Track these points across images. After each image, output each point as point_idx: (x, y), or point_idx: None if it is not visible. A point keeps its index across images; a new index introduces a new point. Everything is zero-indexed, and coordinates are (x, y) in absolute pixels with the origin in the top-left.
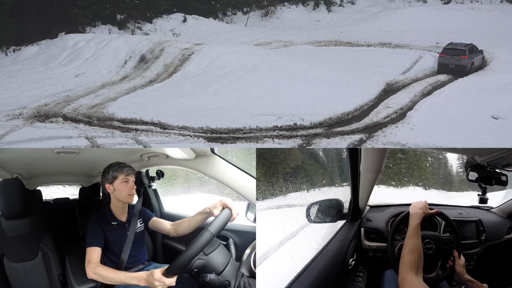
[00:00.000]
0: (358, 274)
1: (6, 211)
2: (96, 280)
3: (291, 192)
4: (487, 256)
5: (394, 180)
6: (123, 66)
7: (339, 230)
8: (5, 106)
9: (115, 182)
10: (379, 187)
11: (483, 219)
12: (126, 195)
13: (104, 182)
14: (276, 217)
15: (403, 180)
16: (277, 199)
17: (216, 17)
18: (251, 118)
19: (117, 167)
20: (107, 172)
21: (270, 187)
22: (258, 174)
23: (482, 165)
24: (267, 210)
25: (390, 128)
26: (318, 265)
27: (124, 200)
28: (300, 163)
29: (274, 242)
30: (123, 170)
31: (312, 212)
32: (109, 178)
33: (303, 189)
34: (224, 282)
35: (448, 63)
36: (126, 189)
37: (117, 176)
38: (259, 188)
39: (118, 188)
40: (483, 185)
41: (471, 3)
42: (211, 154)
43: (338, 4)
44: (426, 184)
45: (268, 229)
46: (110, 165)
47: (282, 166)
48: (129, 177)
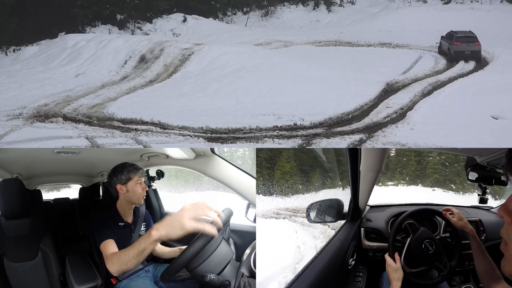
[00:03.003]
0: (358, 274)
1: (6, 211)
2: (123, 271)
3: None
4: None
5: (456, 183)
6: (123, 66)
7: (339, 230)
8: (5, 106)
9: (129, 183)
10: (435, 190)
11: (483, 219)
12: (140, 197)
13: (115, 182)
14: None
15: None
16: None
17: (216, 17)
18: (251, 118)
19: (131, 168)
20: (121, 173)
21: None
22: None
23: (482, 165)
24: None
25: (390, 128)
26: (318, 265)
27: (137, 201)
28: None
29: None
30: (138, 172)
31: (312, 212)
32: (123, 179)
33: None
34: (224, 282)
35: (464, 50)
36: (140, 191)
37: (131, 178)
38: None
39: (132, 190)
40: (483, 185)
41: (471, 3)
42: (211, 154)
43: (338, 4)
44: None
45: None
46: (122, 165)
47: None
48: (142, 179)
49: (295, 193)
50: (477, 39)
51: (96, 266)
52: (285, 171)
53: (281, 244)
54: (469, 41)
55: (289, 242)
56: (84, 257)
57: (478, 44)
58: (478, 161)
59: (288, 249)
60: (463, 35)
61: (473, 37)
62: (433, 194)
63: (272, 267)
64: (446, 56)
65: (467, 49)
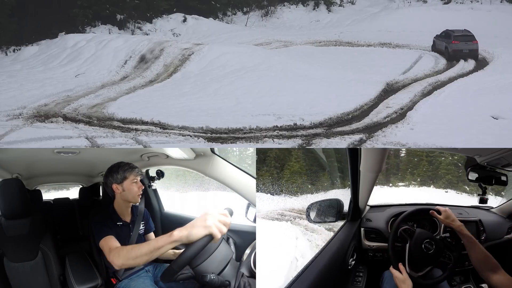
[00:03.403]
0: (358, 274)
1: (6, 211)
2: (128, 266)
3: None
4: None
5: (470, 185)
6: (123, 66)
7: (339, 230)
8: (5, 106)
9: (125, 183)
10: (447, 192)
11: (483, 219)
12: (136, 196)
13: (111, 182)
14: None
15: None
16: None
17: (216, 17)
18: (251, 118)
19: (127, 167)
20: (116, 172)
21: None
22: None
23: (482, 165)
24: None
25: (390, 128)
26: (318, 265)
27: (133, 200)
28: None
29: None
30: (134, 171)
31: (312, 212)
32: (119, 178)
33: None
34: (224, 282)
35: (462, 49)
36: (136, 190)
37: (127, 177)
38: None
39: (128, 189)
40: (483, 185)
41: (471, 3)
42: (211, 154)
43: (338, 4)
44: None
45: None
46: (118, 165)
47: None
48: (137, 178)
49: (303, 192)
50: (475, 37)
51: (96, 266)
52: (294, 170)
53: (281, 244)
54: (467, 39)
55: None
56: (84, 257)
57: (476, 42)
58: (478, 161)
59: (288, 250)
60: (461, 33)
61: (470, 36)
62: (446, 196)
63: (272, 267)
64: (441, 55)
65: (465, 47)
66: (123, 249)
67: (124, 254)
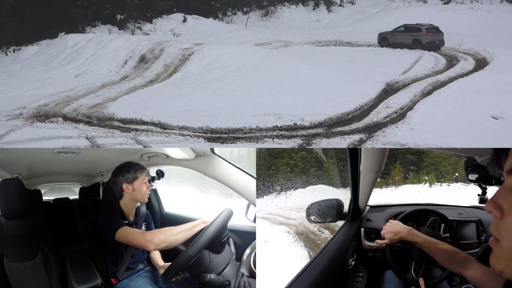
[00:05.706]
0: (358, 274)
1: (6, 211)
2: (169, 243)
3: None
4: (487, 256)
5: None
6: (123, 66)
7: (339, 230)
8: (5, 106)
9: (136, 182)
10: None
11: (483, 219)
12: (145, 196)
13: (121, 181)
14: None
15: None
16: None
17: (216, 17)
18: (251, 118)
19: (137, 167)
20: (127, 172)
21: None
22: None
23: (482, 165)
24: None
25: (390, 128)
26: (318, 265)
27: (142, 200)
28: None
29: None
30: (144, 171)
31: (312, 212)
32: (130, 178)
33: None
34: (224, 282)
35: (435, 40)
36: (145, 190)
37: (138, 177)
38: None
39: (138, 189)
40: (483, 185)
41: (471, 3)
42: (211, 154)
43: (338, 4)
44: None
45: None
46: (128, 165)
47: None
48: (147, 178)
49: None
50: (440, 29)
51: (96, 266)
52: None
53: (281, 244)
54: (437, 31)
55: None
56: (84, 257)
57: (442, 34)
58: (478, 161)
59: (288, 250)
60: (431, 26)
61: (438, 28)
62: (446, 196)
63: (272, 267)
64: (389, 47)
65: (437, 39)
66: (160, 229)
67: (165, 232)
